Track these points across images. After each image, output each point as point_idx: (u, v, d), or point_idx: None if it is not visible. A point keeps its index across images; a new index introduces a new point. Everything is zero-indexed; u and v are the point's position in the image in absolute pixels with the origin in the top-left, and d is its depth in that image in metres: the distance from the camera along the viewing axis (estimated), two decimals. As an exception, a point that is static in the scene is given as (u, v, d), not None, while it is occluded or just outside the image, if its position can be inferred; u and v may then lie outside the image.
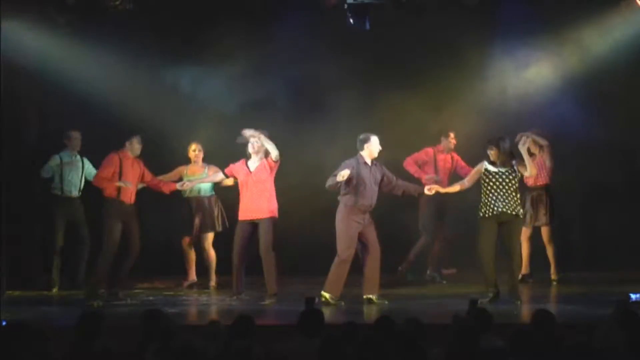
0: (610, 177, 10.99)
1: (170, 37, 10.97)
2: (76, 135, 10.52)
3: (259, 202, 9.34)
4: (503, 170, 8.98)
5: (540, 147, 10.39)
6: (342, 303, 9.05)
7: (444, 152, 10.87)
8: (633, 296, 5.98)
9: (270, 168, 9.39)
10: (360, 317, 8.33)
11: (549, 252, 10.49)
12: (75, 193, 10.44)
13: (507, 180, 8.96)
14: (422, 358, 5.36)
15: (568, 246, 11.31)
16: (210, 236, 10.51)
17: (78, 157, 10.54)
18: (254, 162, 9.48)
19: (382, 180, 9.22)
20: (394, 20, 10.42)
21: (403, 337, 5.36)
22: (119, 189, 9.53)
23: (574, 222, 11.49)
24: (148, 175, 9.87)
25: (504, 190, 8.95)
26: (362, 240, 9.13)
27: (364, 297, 9.14)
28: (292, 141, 10.55)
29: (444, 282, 10.84)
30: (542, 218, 10.43)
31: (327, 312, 8.25)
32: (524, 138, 9.17)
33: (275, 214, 9.38)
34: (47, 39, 10.29)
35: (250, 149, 9.46)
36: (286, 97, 11.16)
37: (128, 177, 9.57)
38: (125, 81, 10.80)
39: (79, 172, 10.47)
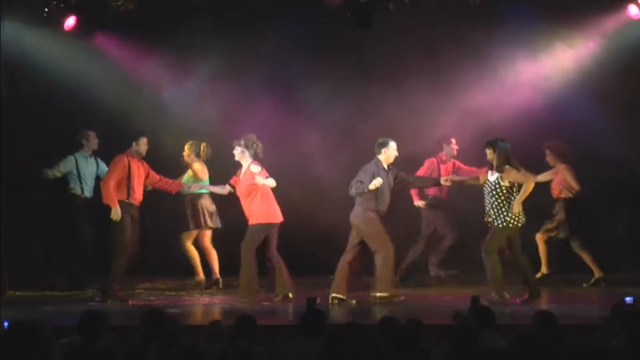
0: (610, 182, 10.89)
1: (172, 37, 10.95)
2: (93, 135, 10.42)
3: (246, 208, 9.33)
4: (491, 179, 8.93)
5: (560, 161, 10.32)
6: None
7: (447, 160, 10.84)
8: (627, 299, 5.97)
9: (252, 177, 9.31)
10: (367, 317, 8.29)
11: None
12: (90, 194, 10.30)
13: (490, 189, 8.89)
14: (424, 358, 5.33)
15: (571, 249, 11.27)
16: (207, 233, 10.44)
17: (92, 157, 10.44)
18: (242, 170, 9.48)
19: (395, 180, 9.26)
20: (395, 20, 10.40)
21: (405, 337, 5.34)
22: (128, 192, 9.35)
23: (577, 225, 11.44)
24: (155, 176, 9.69)
25: (488, 200, 8.92)
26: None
27: (374, 294, 9.12)
28: (288, 138, 10.63)
29: (449, 278, 10.76)
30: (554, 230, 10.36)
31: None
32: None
33: (262, 220, 9.28)
34: (49, 38, 10.27)
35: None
36: (283, 95, 11.14)
37: (135, 180, 9.40)
38: (127, 81, 10.79)
39: (94, 172, 10.35)
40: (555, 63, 10.89)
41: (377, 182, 8.94)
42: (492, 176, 8.93)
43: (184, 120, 10.80)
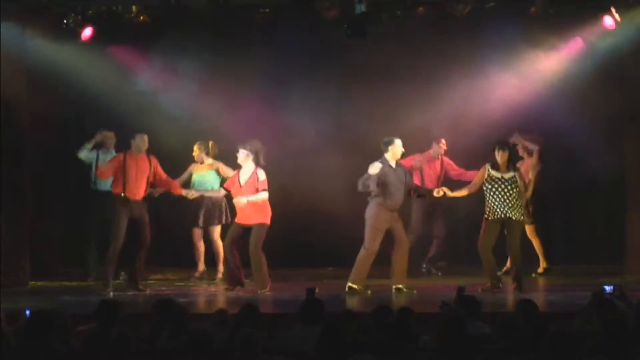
0: (589, 177, 10.93)
1: (172, 45, 10.85)
2: (110, 135, 10.37)
3: (248, 211, 9.28)
4: (507, 177, 9.06)
5: (529, 151, 10.37)
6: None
7: (433, 158, 10.79)
8: (607, 287, 6.03)
9: (259, 184, 9.31)
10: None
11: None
12: (105, 188, 10.10)
13: (511, 186, 9.03)
14: (414, 344, 5.40)
15: (550, 242, 11.33)
16: (217, 228, 10.45)
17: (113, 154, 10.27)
18: (244, 175, 9.40)
19: (406, 180, 9.30)
20: (388, 31, 10.40)
21: (397, 325, 5.38)
22: (124, 186, 9.36)
23: (556, 219, 11.48)
24: (160, 174, 9.64)
25: (509, 197, 9.02)
26: (391, 235, 9.18)
27: (393, 287, 9.16)
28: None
29: (439, 273, 10.78)
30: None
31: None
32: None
33: (266, 221, 9.27)
34: (68, 49, 10.35)
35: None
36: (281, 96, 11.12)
37: (131, 174, 9.35)
38: (136, 86, 10.88)
39: None
40: (537, 71, 10.83)
41: (374, 169, 8.93)
42: (506, 174, 9.06)
43: (184, 122, 10.75)
